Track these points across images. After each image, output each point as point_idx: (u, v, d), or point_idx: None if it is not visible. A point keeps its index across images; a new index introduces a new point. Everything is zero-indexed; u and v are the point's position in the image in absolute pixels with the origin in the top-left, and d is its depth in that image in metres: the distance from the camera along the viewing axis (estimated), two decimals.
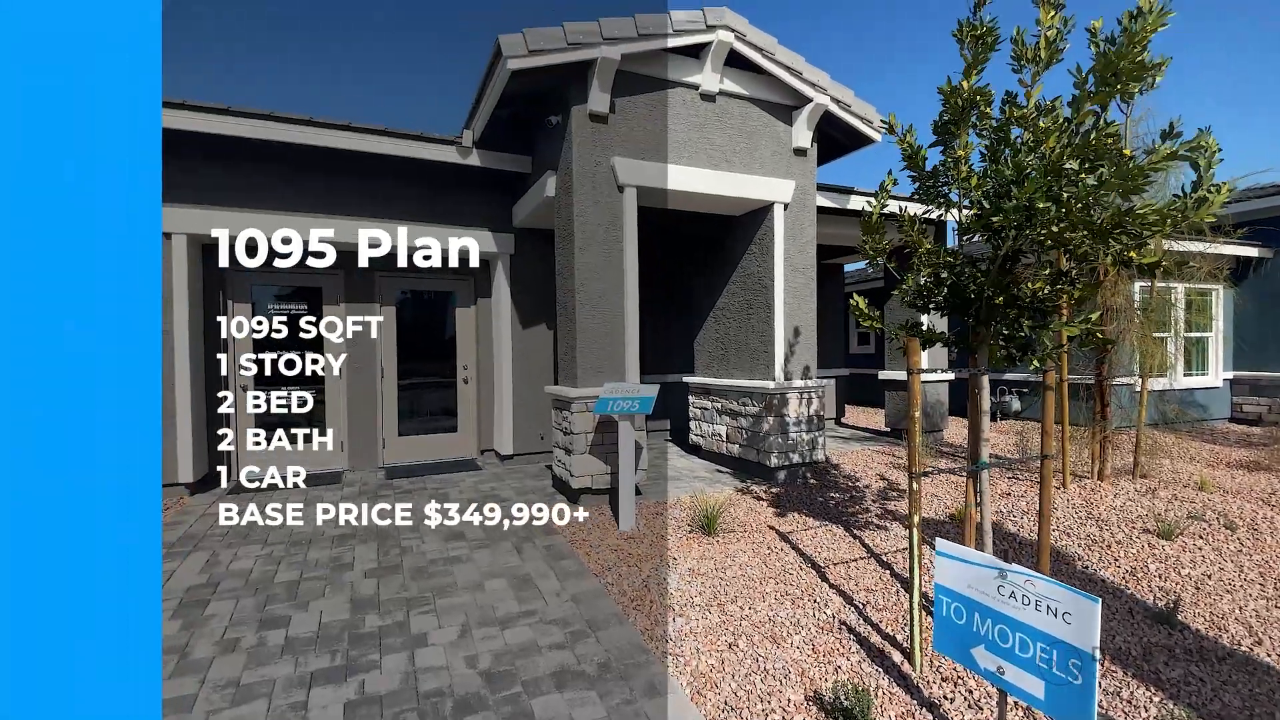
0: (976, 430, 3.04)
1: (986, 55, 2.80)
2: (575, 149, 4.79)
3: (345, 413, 6.34)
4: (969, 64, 2.81)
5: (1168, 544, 4.03)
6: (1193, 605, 3.36)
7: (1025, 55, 2.77)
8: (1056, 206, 2.40)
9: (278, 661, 2.76)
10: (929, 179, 3.04)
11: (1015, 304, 2.81)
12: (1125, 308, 4.98)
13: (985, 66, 2.78)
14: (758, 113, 5.58)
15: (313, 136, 5.25)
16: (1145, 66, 2.26)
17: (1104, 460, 5.19)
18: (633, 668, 2.75)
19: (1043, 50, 2.72)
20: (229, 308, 5.90)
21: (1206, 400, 9.59)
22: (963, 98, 2.81)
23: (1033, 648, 2.02)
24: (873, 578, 3.68)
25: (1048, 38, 2.70)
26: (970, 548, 3.20)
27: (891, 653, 2.93)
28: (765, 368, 5.73)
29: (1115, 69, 2.24)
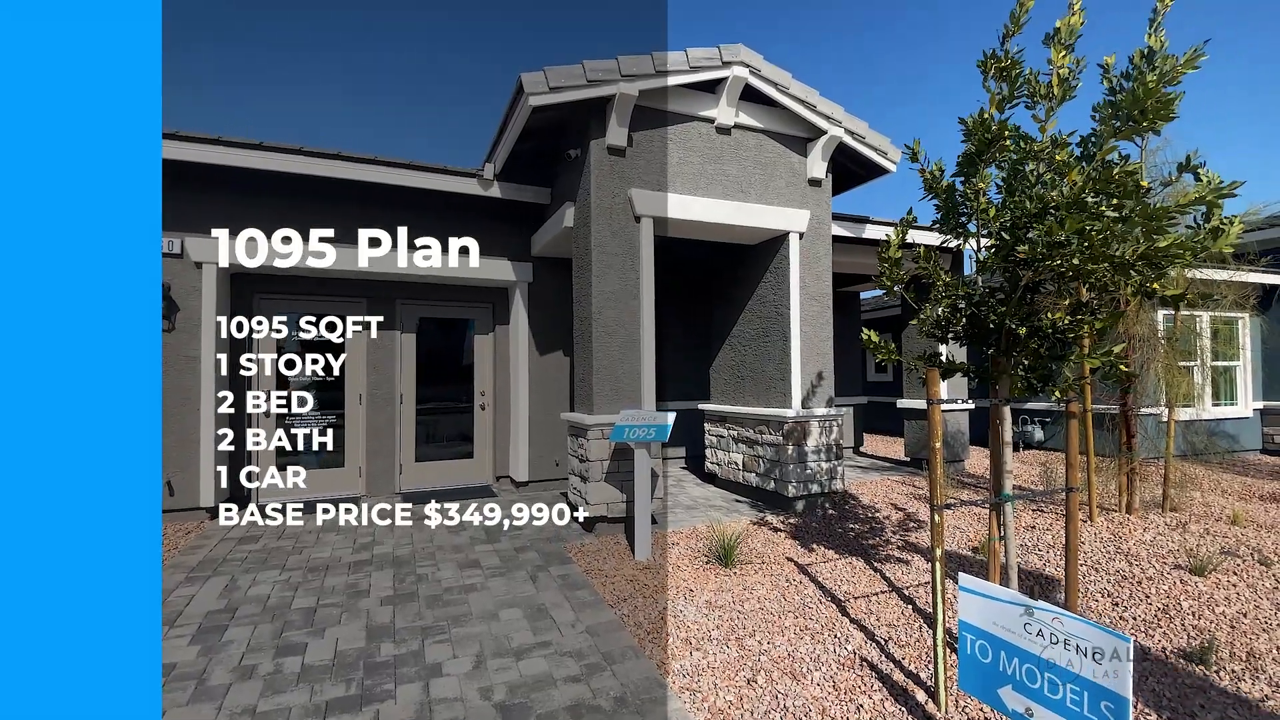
0: (999, 462, 3.00)
1: (1014, 90, 2.81)
2: (594, 181, 4.89)
3: (364, 439, 6.41)
4: (999, 97, 2.83)
5: (1200, 580, 3.90)
6: (1228, 645, 3.23)
7: (1039, 92, 2.80)
8: (1080, 239, 2.40)
9: (294, 689, 2.76)
10: (949, 209, 3.06)
11: (1036, 335, 2.80)
12: (1149, 337, 4.91)
13: (1018, 101, 2.81)
14: (773, 145, 5.67)
15: (341, 170, 5.42)
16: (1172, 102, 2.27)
17: (1132, 493, 5.07)
18: (649, 703, 2.70)
19: (1055, 87, 2.75)
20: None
21: (1236, 431, 9.33)
22: (990, 130, 2.83)
23: (1063, 689, 1.96)
24: (894, 612, 3.60)
25: (1060, 75, 2.74)
26: (995, 583, 3.13)
27: (915, 691, 2.85)
28: (782, 396, 5.71)
29: (1143, 106, 2.25)
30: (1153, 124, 2.21)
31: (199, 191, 5.40)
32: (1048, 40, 2.75)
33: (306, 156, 5.31)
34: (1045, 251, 2.44)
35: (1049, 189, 2.50)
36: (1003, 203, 2.81)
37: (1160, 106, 2.13)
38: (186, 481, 5.36)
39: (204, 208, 5.39)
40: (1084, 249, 2.36)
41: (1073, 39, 2.73)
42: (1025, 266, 2.62)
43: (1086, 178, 2.37)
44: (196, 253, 5.39)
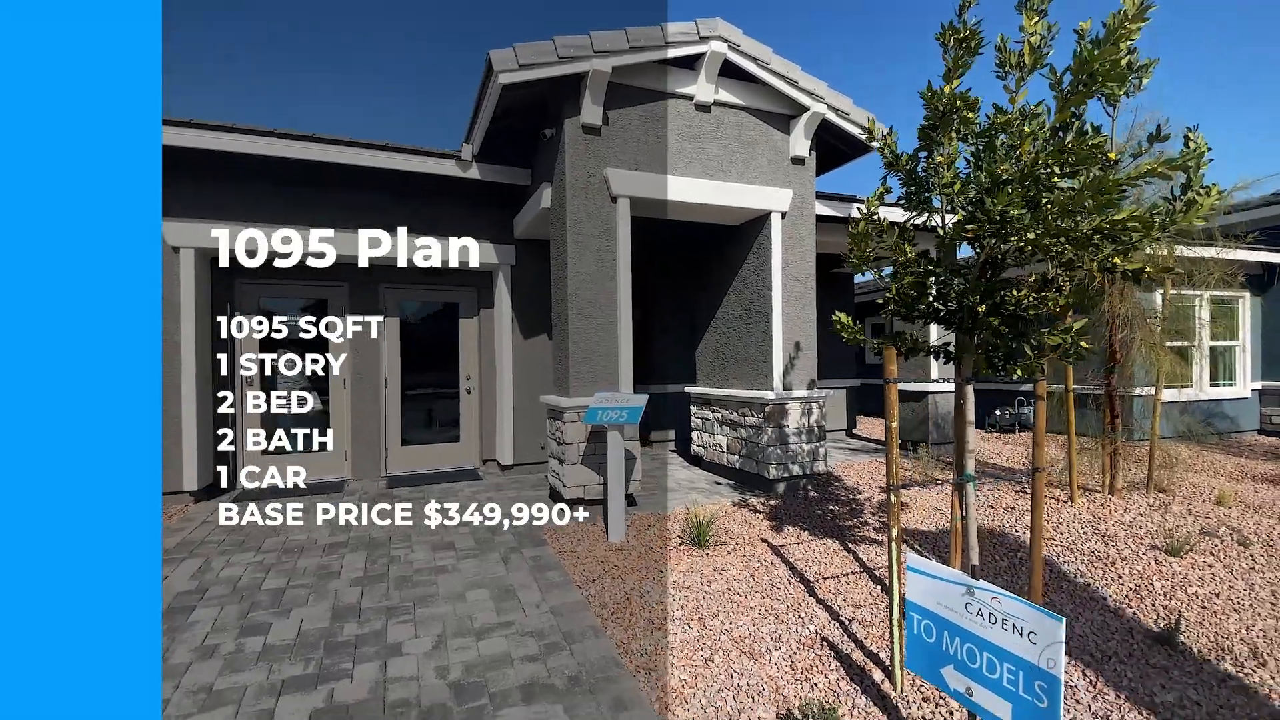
0: (962, 442, 2.96)
1: (969, 60, 2.74)
2: (568, 160, 4.82)
3: (349, 423, 6.43)
4: (949, 68, 2.76)
5: (1175, 561, 3.86)
6: (1197, 625, 3.21)
7: (1009, 61, 2.71)
8: (1033, 214, 2.33)
9: (252, 669, 2.79)
10: (914, 185, 2.99)
11: (998, 312, 2.73)
12: (1134, 315, 4.82)
13: (967, 71, 2.73)
14: (754, 122, 5.57)
15: (317, 152, 5.37)
16: (1128, 68, 2.19)
17: (1114, 473, 5.01)
18: (604, 681, 2.71)
19: (1026, 56, 2.66)
20: (234, 318, 6.03)
21: (1234, 412, 9.22)
22: (943, 102, 2.76)
23: (1000, 668, 1.94)
24: (863, 593, 3.59)
25: (1031, 43, 2.65)
26: (957, 562, 3.11)
27: (873, 671, 2.85)
28: (764, 378, 5.67)
29: (1090, 70, 2.17)
30: (1104, 87, 2.12)
31: (173, 176, 5.37)
32: (1020, 6, 2.65)
33: (281, 139, 5.26)
34: (999, 226, 2.38)
35: (1005, 161, 2.43)
36: (968, 177, 2.74)
37: (1111, 69, 2.05)
38: (169, 465, 5.40)
39: (177, 193, 5.36)
40: (1037, 223, 2.30)
41: (1045, 3, 2.63)
42: (977, 242, 2.56)
43: (1040, 150, 2.29)
44: (174, 237, 5.37)
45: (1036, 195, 2.35)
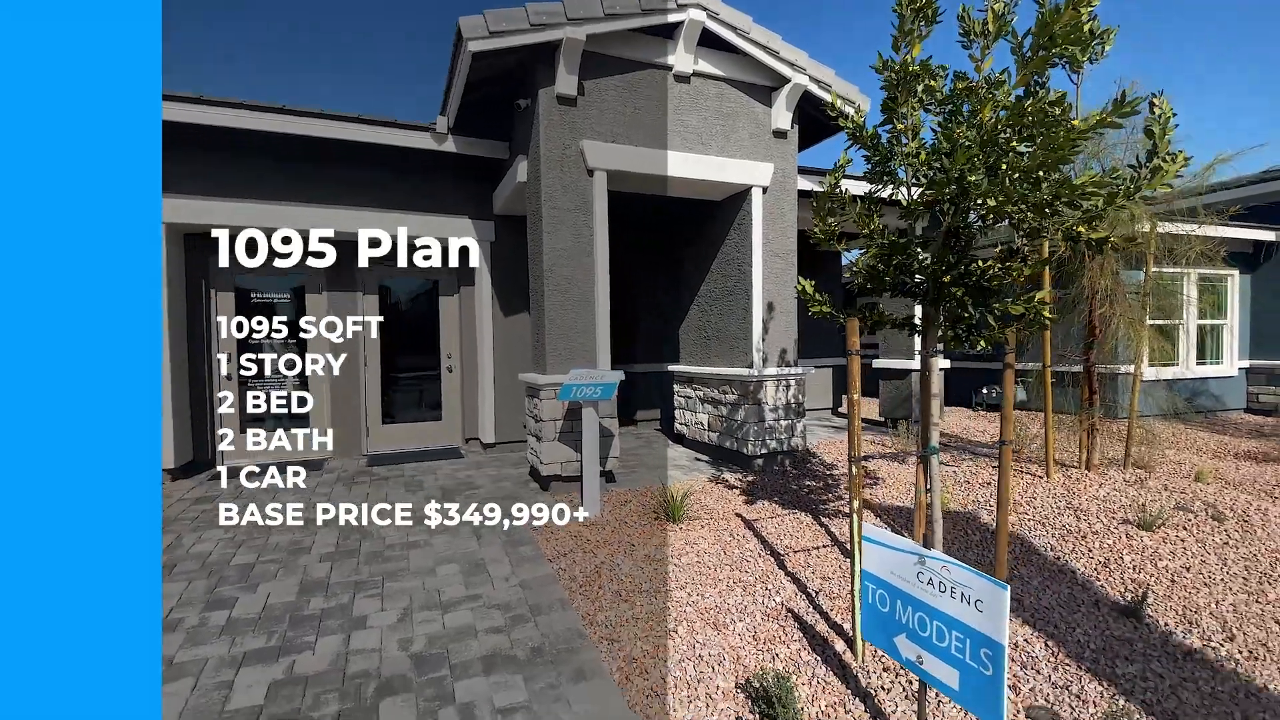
0: (927, 415, 2.93)
1: (921, 28, 2.67)
2: (543, 132, 4.72)
3: (329, 401, 6.38)
4: (898, 36, 2.69)
5: (1147, 535, 3.88)
6: (1165, 599, 3.22)
7: (974, 30, 2.64)
8: (990, 180, 2.28)
9: (214, 642, 2.78)
10: (878, 156, 2.93)
11: (963, 283, 2.70)
12: (1114, 291, 4.78)
13: (924, 40, 2.66)
14: (735, 94, 5.46)
15: (287, 125, 5.25)
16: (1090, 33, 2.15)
17: (1091, 449, 5.02)
18: (566, 653, 2.72)
19: (991, 23, 2.59)
20: (212, 296, 5.96)
21: (1220, 390, 9.24)
22: (895, 71, 2.70)
23: (948, 636, 1.94)
24: (832, 566, 3.60)
25: (995, 10, 2.58)
26: (920, 534, 3.11)
27: (835, 641, 2.86)
28: (744, 355, 5.64)
29: (1051, 33, 2.11)
30: (1064, 50, 2.07)
31: None
32: None
33: (250, 111, 5.13)
34: (959, 193, 2.33)
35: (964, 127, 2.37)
36: (933, 147, 2.68)
37: (1071, 32, 1.99)
38: None
39: None
40: (996, 188, 2.25)
41: None
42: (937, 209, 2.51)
43: (998, 116, 2.24)
44: None
45: (997, 161, 2.30)
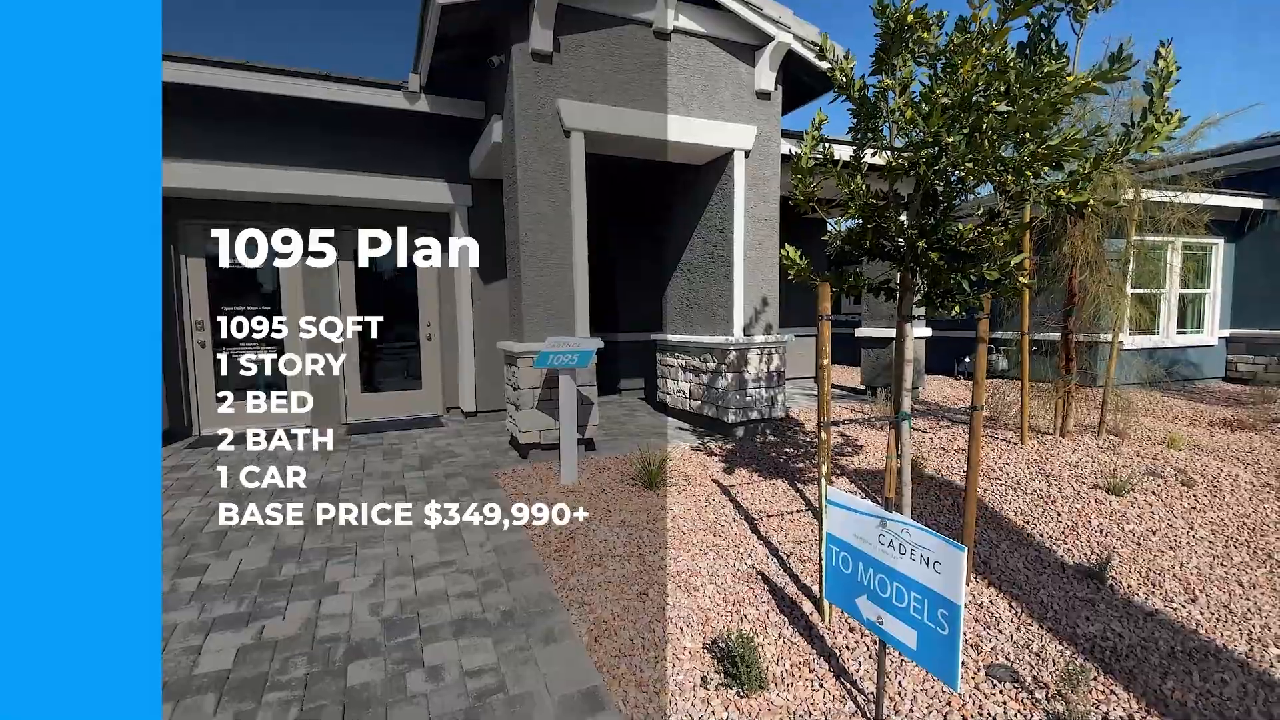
0: (900, 381, 2.93)
1: None
2: (517, 90, 4.57)
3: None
4: None
5: (1116, 500, 3.94)
6: (1130, 561, 3.28)
7: None
8: (968, 141, 2.22)
9: (184, 608, 2.77)
10: (865, 112, 2.85)
11: (940, 248, 2.65)
12: (1095, 258, 4.77)
13: None
14: (717, 52, 5.29)
15: (252, 83, 5.04)
16: None
17: (1066, 415, 5.07)
18: (536, 616, 2.74)
19: None
20: (183, 262, 5.81)
21: (1200, 359, 9.35)
22: (894, 19, 2.59)
23: (907, 597, 1.96)
24: (804, 530, 3.63)
25: None
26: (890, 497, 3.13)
27: (803, 603, 2.90)
28: (725, 323, 5.60)
29: None
30: None
31: None
32: None
33: (214, 67, 4.92)
34: (936, 154, 2.27)
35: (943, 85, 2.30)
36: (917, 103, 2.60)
37: None
38: None
39: None
40: (974, 150, 2.19)
41: None
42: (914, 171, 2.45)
43: (979, 73, 2.16)
44: None
45: (977, 121, 2.23)
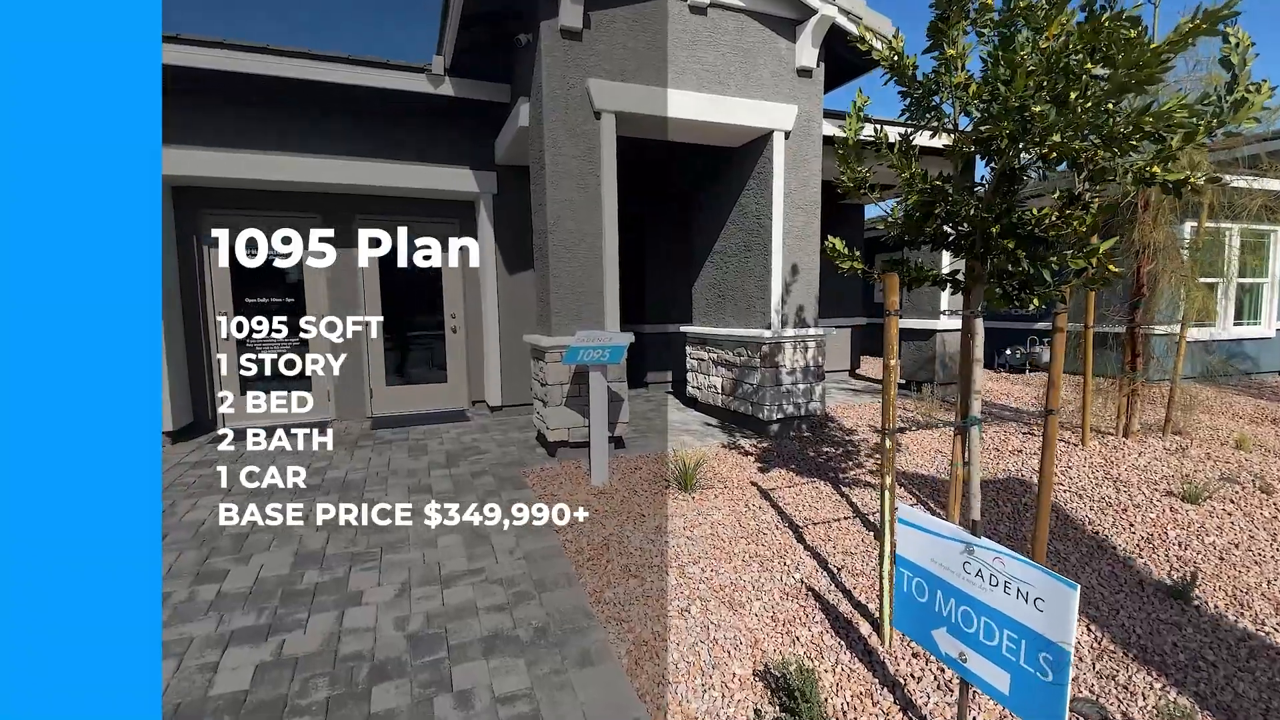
0: (968, 381, 2.66)
1: None
2: (545, 70, 4.33)
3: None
4: None
5: (1192, 508, 3.63)
6: (1214, 578, 2.99)
7: None
8: (1058, 110, 1.94)
9: (201, 619, 2.64)
10: (920, 90, 2.57)
11: (1014, 234, 2.37)
12: (1167, 245, 4.40)
13: None
14: (756, 27, 4.98)
15: (271, 67, 4.88)
16: None
17: (1130, 415, 4.73)
18: (571, 634, 2.55)
19: None
20: (205, 253, 5.71)
21: (1256, 352, 8.82)
22: None
23: (999, 635, 1.72)
24: (854, 539, 3.39)
25: None
26: (956, 512, 2.88)
27: (860, 623, 2.67)
28: (761, 315, 5.33)
29: None
30: None
31: None
32: None
33: (232, 51, 4.76)
34: (1015, 127, 1.99)
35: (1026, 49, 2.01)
36: (985, 77, 2.33)
37: None
38: None
39: None
40: (1064, 121, 1.91)
41: None
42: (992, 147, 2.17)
43: (1067, 34, 1.88)
44: None
45: (1065, 89, 1.96)
